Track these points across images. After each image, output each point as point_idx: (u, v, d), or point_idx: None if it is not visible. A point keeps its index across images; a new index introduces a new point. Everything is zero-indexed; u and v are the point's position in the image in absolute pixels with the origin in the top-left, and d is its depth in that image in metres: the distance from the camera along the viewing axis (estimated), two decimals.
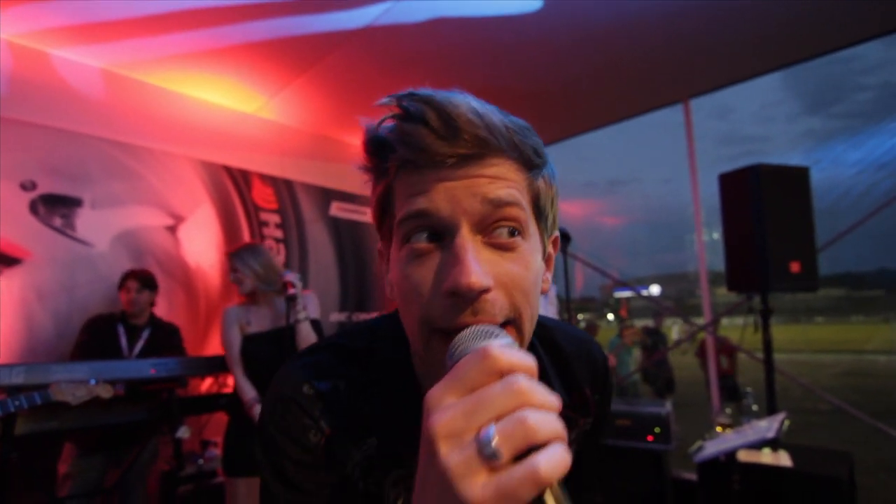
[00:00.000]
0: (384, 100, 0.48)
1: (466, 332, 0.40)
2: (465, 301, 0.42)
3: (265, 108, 3.26)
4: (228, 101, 3.16)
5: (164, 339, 2.44)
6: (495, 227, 0.44)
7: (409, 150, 0.45)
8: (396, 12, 2.38)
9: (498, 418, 0.32)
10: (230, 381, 2.53)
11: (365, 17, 2.42)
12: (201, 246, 2.93)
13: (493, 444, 0.31)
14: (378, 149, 0.50)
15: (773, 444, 2.01)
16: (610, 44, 2.63)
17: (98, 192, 2.57)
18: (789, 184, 2.20)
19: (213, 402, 2.18)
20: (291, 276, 1.82)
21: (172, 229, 2.83)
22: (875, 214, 2.83)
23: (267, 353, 1.90)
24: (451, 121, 0.44)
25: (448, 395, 0.34)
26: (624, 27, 2.49)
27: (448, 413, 0.33)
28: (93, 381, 1.56)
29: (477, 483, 0.31)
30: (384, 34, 2.53)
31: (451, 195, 0.43)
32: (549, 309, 2.65)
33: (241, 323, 1.95)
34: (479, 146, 0.44)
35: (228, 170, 3.11)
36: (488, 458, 0.32)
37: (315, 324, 1.89)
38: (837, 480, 1.81)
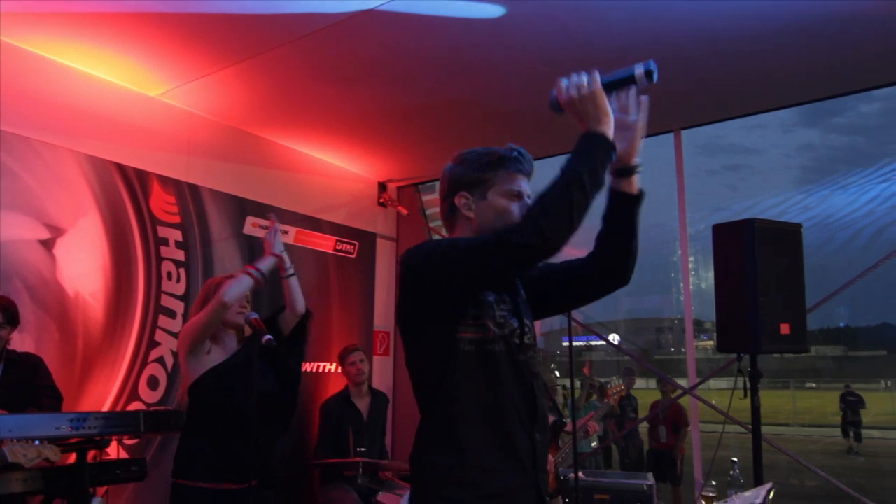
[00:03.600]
0: (512, 145, 1.54)
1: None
2: None
3: (171, 92, 3.55)
4: (124, 81, 3.42)
5: (26, 375, 2.63)
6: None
7: (525, 166, 1.53)
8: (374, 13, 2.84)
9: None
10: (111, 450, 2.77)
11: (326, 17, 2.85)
12: (83, 268, 3.15)
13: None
14: (508, 157, 1.51)
15: None
16: (596, 59, 3.27)
17: None
18: (782, 241, 2.93)
19: (123, 468, 2.44)
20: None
21: (48, 244, 3.03)
22: (870, 272, 3.70)
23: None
24: (530, 161, 1.56)
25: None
26: (618, 47, 3.13)
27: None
28: (37, 442, 1.80)
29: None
30: (345, 36, 2.98)
31: (524, 186, 1.52)
32: None
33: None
34: (531, 173, 1.56)
35: (122, 169, 3.36)
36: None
37: None
38: None
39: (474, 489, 1.35)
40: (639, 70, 1.37)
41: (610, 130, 1.38)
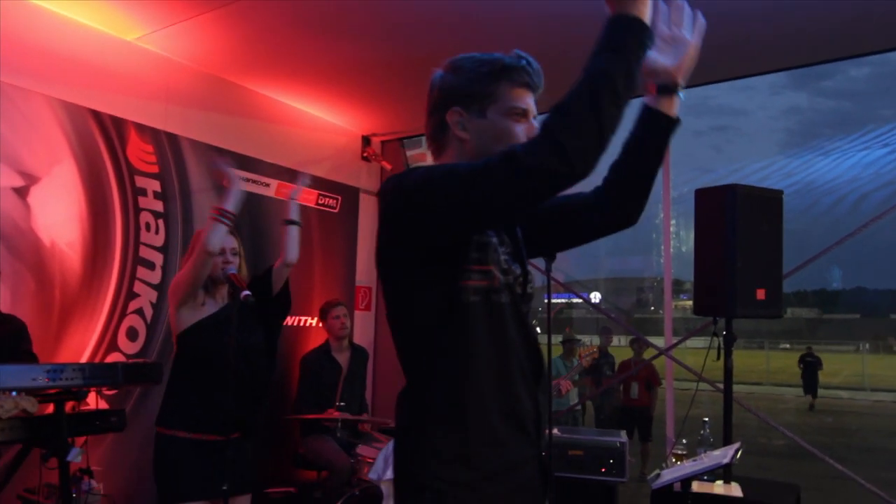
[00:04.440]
0: (519, 52, 1.30)
1: None
2: None
3: (148, 37, 3.44)
4: (100, 24, 3.31)
5: (7, 338, 2.62)
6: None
7: (534, 80, 1.28)
8: None
9: None
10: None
11: None
12: (59, 217, 3.10)
13: None
14: (515, 66, 1.27)
15: (727, 475, 2.75)
16: (579, 25, 3.21)
17: None
18: (763, 207, 2.95)
19: (102, 419, 2.45)
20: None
21: (22, 192, 2.97)
22: (846, 239, 3.75)
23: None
24: (540, 73, 1.30)
25: None
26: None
27: None
28: (14, 394, 1.81)
29: None
30: None
31: (530, 103, 1.28)
32: None
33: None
34: (539, 88, 1.31)
35: (98, 116, 3.27)
36: None
37: None
38: None
39: (479, 469, 1.17)
40: None
41: (647, 9, 1.10)
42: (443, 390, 1.20)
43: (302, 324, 4.37)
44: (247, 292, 2.28)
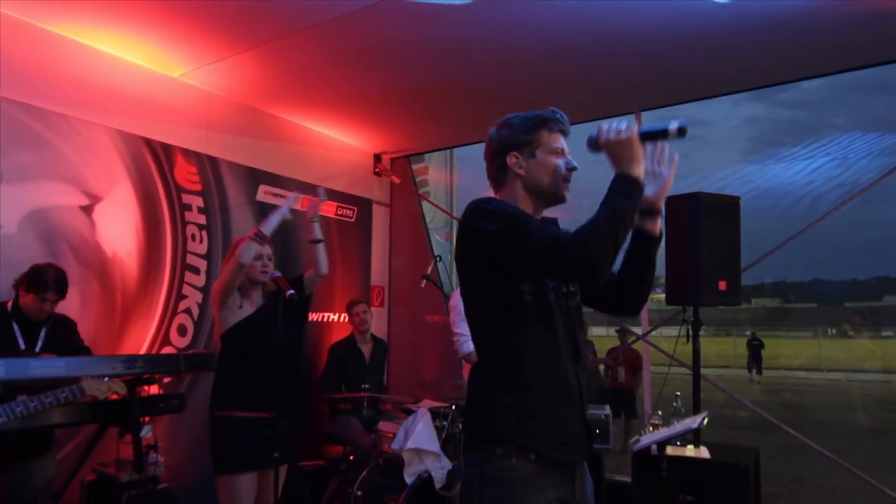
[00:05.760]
0: (553, 108, 1.57)
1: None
2: (572, 169, 1.56)
3: (191, 73, 3.61)
4: (149, 63, 3.47)
5: (65, 335, 2.75)
6: None
7: (565, 127, 1.58)
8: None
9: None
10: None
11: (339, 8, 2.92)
12: (119, 231, 3.26)
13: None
14: (551, 118, 1.55)
15: (696, 440, 2.93)
16: (564, 47, 3.34)
17: (6, 163, 2.82)
18: (723, 210, 3.13)
19: (166, 402, 2.61)
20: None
21: (88, 210, 3.13)
22: (799, 235, 3.92)
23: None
24: (568, 122, 1.59)
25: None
26: (585, 39, 3.22)
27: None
28: (106, 379, 1.96)
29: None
30: (349, 27, 3.05)
31: (564, 144, 1.56)
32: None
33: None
34: (569, 133, 1.61)
35: (149, 143, 3.43)
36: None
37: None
38: (745, 467, 2.76)
39: (538, 422, 1.41)
40: (673, 126, 1.40)
41: (641, 175, 1.40)
42: (508, 365, 1.44)
43: (326, 319, 4.53)
44: (291, 291, 2.42)
